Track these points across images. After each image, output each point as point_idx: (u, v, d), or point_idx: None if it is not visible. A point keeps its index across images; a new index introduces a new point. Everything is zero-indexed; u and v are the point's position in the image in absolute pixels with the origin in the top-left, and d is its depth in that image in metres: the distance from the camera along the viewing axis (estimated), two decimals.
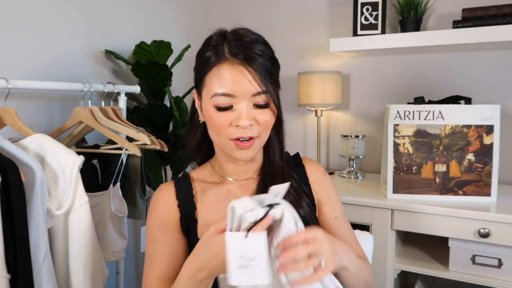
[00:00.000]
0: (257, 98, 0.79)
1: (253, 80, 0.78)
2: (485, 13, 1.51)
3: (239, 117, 0.78)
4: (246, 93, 0.78)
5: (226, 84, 0.77)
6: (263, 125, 0.80)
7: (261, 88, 0.78)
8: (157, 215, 0.87)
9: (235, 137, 0.79)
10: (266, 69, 0.80)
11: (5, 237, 0.86)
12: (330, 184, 0.95)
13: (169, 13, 2.04)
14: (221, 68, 0.78)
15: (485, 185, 1.36)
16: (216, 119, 0.79)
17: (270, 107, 0.81)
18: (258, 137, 0.81)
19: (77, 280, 1.04)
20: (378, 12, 1.74)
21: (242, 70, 0.78)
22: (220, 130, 0.79)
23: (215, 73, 0.79)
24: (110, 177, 1.30)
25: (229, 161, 0.88)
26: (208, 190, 0.89)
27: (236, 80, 0.77)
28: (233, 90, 0.77)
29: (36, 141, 1.02)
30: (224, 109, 0.79)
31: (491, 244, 1.27)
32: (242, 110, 0.78)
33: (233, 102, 0.78)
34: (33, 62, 1.38)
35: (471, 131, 1.36)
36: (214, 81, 0.79)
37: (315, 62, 2.04)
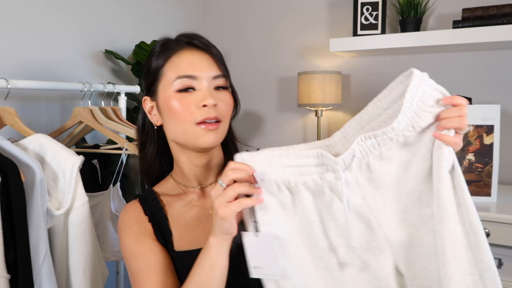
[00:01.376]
0: (217, 80, 0.80)
1: (213, 63, 0.80)
2: (485, 13, 1.51)
3: (204, 97, 0.77)
4: (207, 75, 0.79)
5: (187, 67, 0.78)
6: (225, 109, 0.80)
7: (221, 71, 0.81)
8: (131, 231, 0.82)
9: (201, 119, 0.77)
10: (221, 60, 0.83)
11: (5, 237, 0.85)
12: None
13: (169, 13, 2.04)
14: (180, 55, 0.80)
15: (485, 185, 1.36)
16: (179, 105, 0.78)
17: (229, 93, 0.83)
18: (221, 122, 0.79)
19: (77, 280, 1.04)
20: (378, 12, 1.73)
21: (201, 54, 0.80)
22: (184, 115, 0.77)
23: (174, 61, 0.80)
24: (110, 177, 1.30)
25: (189, 162, 0.85)
26: (174, 202, 0.86)
27: (196, 63, 0.79)
28: (194, 72, 0.78)
29: (36, 141, 1.02)
30: (186, 90, 0.78)
31: (491, 244, 1.25)
32: (206, 89, 0.78)
33: (195, 84, 0.78)
34: (33, 62, 1.38)
35: (471, 131, 1.36)
36: (173, 67, 0.80)
37: (315, 62, 2.04)
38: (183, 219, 0.84)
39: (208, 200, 0.87)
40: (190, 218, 0.84)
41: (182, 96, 0.78)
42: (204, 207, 0.86)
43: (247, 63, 2.19)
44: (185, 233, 0.83)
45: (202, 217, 0.85)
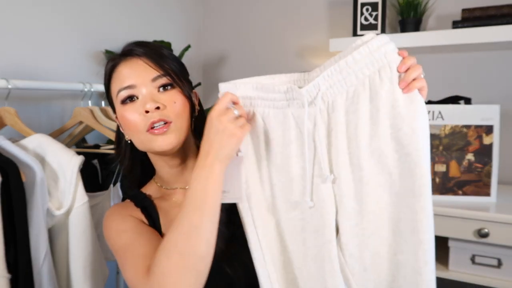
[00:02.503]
0: (159, 81, 0.78)
1: (149, 66, 0.78)
2: (485, 14, 1.51)
3: (144, 102, 0.76)
4: (145, 79, 0.77)
5: (124, 78, 0.78)
6: (173, 108, 0.77)
7: (160, 72, 0.78)
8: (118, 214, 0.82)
9: (148, 126, 0.76)
10: (165, 60, 0.80)
11: (5, 237, 0.86)
12: None
13: (169, 13, 2.04)
14: (118, 69, 0.80)
15: (485, 185, 1.36)
16: (127, 116, 0.78)
17: (178, 91, 0.79)
18: (172, 122, 0.77)
19: (77, 280, 1.04)
20: (378, 12, 1.74)
21: (136, 61, 0.79)
22: (135, 125, 0.77)
23: (115, 76, 0.80)
24: (110, 177, 1.30)
25: (164, 166, 0.85)
26: (159, 203, 0.86)
27: (132, 71, 0.78)
28: (131, 80, 0.77)
29: (36, 141, 1.02)
30: (129, 99, 0.78)
31: (491, 244, 1.27)
32: (145, 95, 0.77)
33: (136, 92, 0.77)
34: (33, 62, 1.38)
35: (471, 131, 1.36)
36: (114, 83, 0.80)
37: (315, 62, 2.04)
38: (168, 222, 0.83)
39: None
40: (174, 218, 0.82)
41: (127, 108, 0.78)
42: None
43: (247, 63, 2.18)
44: None
45: None
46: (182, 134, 0.79)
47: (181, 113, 0.79)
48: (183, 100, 0.80)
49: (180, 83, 0.80)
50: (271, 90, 0.70)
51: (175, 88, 0.80)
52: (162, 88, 0.78)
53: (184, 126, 0.80)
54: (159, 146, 0.77)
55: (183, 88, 0.80)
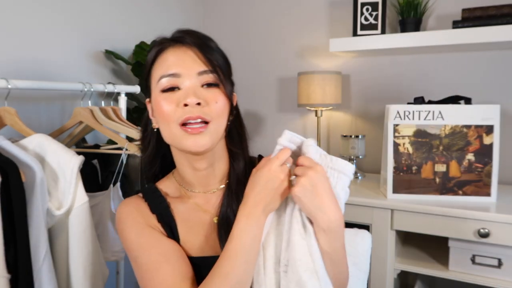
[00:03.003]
0: (204, 77, 0.74)
1: (198, 59, 0.74)
2: (485, 13, 1.51)
3: (186, 95, 0.72)
4: (191, 71, 0.73)
5: (169, 65, 0.74)
6: (214, 108, 0.73)
7: (208, 67, 0.74)
8: (135, 222, 0.77)
9: (184, 119, 0.71)
10: (214, 55, 0.76)
11: (5, 237, 0.85)
12: None
13: (169, 13, 2.04)
14: (164, 54, 0.76)
15: (485, 185, 1.36)
16: (163, 105, 0.73)
17: (221, 91, 0.76)
18: (210, 122, 0.73)
19: (77, 280, 1.04)
20: (378, 12, 1.74)
21: (185, 50, 0.75)
22: (169, 115, 0.73)
23: (159, 62, 0.76)
24: (110, 177, 1.30)
25: (189, 166, 0.80)
26: (177, 204, 0.82)
27: (179, 60, 0.74)
28: (177, 69, 0.73)
29: (36, 141, 1.02)
30: (170, 89, 0.74)
31: (491, 244, 1.27)
32: (188, 88, 0.73)
33: (179, 82, 0.74)
34: (33, 62, 1.38)
35: (471, 131, 1.36)
36: (158, 68, 0.76)
37: (315, 62, 2.04)
38: (186, 224, 0.80)
39: (212, 207, 0.82)
40: (194, 224, 0.81)
41: (166, 96, 0.74)
42: (208, 214, 0.82)
43: (247, 63, 2.19)
44: (188, 239, 0.80)
45: (206, 224, 0.81)
46: (217, 138, 0.76)
47: (221, 114, 0.75)
48: (224, 101, 0.76)
49: (225, 83, 0.76)
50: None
51: (219, 87, 0.76)
52: (206, 85, 0.75)
53: (221, 129, 0.76)
54: (190, 146, 0.73)
55: (226, 88, 0.76)
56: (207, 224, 0.81)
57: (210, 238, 0.80)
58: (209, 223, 0.81)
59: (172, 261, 0.73)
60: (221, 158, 0.83)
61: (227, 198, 0.81)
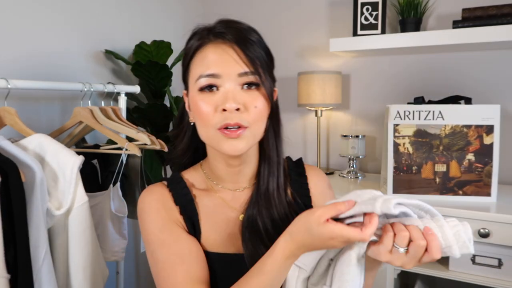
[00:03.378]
0: (244, 78, 0.71)
1: (239, 59, 0.71)
2: (485, 13, 1.51)
3: (224, 99, 0.70)
4: (231, 73, 0.70)
5: (209, 64, 0.71)
6: (253, 113, 0.71)
7: (249, 68, 0.71)
8: (158, 215, 0.76)
9: (222, 125, 0.70)
10: (256, 53, 0.72)
11: (5, 237, 0.85)
12: (333, 199, 0.86)
13: (169, 13, 2.04)
14: (203, 50, 0.73)
15: (485, 185, 1.36)
16: (202, 106, 0.71)
17: (261, 93, 0.73)
18: (248, 128, 0.71)
19: (77, 280, 1.04)
20: (378, 12, 1.73)
21: (226, 49, 0.71)
22: (207, 118, 0.71)
23: (198, 57, 0.74)
24: (110, 177, 1.30)
25: (221, 162, 0.79)
26: (202, 197, 0.81)
27: (220, 59, 0.71)
28: (216, 69, 0.71)
29: (36, 141, 1.02)
30: (208, 88, 0.71)
31: (491, 244, 1.27)
32: (228, 91, 0.70)
33: (218, 82, 0.71)
34: (33, 62, 1.38)
35: (471, 131, 1.36)
36: (197, 65, 0.73)
37: (315, 62, 2.04)
38: (210, 218, 0.79)
39: (239, 205, 0.81)
40: (219, 219, 0.79)
41: (204, 97, 0.72)
42: (234, 211, 0.81)
43: None
44: (211, 234, 0.79)
45: (230, 222, 0.80)
46: (254, 141, 0.75)
47: (260, 118, 0.73)
48: (264, 104, 0.74)
49: (265, 82, 0.73)
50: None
51: (259, 88, 0.73)
52: (246, 86, 0.72)
53: (259, 132, 0.75)
54: (226, 149, 0.71)
55: (266, 89, 0.74)
56: (232, 221, 0.80)
57: (233, 236, 0.79)
58: (234, 220, 0.80)
59: (188, 264, 0.72)
60: (254, 156, 0.82)
61: (255, 199, 0.79)
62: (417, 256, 0.57)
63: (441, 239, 0.58)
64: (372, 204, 0.58)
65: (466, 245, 0.57)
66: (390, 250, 0.58)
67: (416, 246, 0.57)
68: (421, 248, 0.57)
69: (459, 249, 0.57)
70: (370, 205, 0.58)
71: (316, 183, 0.87)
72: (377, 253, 0.59)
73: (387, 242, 0.58)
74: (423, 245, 0.57)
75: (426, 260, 0.58)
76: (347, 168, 1.87)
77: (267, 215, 0.79)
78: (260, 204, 0.79)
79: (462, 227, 0.58)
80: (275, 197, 0.80)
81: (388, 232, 0.58)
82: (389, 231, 0.59)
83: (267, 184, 0.80)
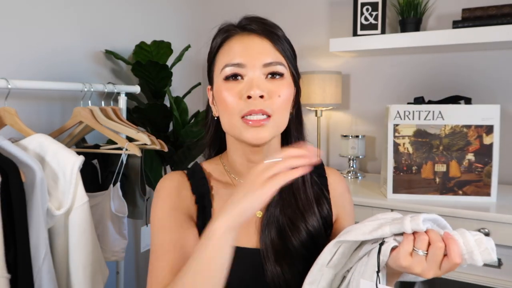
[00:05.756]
0: (269, 68, 0.72)
1: (264, 49, 0.72)
2: (485, 13, 1.51)
3: (249, 87, 0.70)
4: (256, 63, 0.72)
5: (235, 54, 0.72)
6: (277, 102, 0.72)
7: (274, 58, 0.72)
8: (169, 200, 0.76)
9: (246, 112, 0.70)
10: (282, 44, 0.74)
11: (5, 237, 0.86)
12: (351, 203, 0.88)
13: (169, 13, 2.04)
14: (230, 42, 0.75)
15: (485, 185, 1.36)
16: (226, 96, 0.72)
17: (286, 83, 0.74)
18: (271, 116, 0.71)
19: (77, 280, 1.04)
20: (378, 12, 1.74)
21: (253, 39, 0.73)
22: (232, 106, 0.72)
23: (224, 49, 0.75)
24: (110, 177, 1.30)
25: (242, 156, 0.79)
26: (220, 189, 0.81)
27: (245, 49, 0.72)
28: (242, 59, 0.72)
29: (36, 141, 1.02)
30: (233, 77, 0.72)
31: None
32: (252, 79, 0.71)
33: (243, 72, 0.72)
34: (33, 62, 1.38)
35: (471, 131, 1.36)
36: (222, 56, 0.75)
37: (315, 62, 2.04)
38: None
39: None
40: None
41: (229, 86, 0.73)
42: None
43: None
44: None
45: None
46: (277, 131, 0.75)
47: (283, 108, 0.74)
48: (288, 93, 0.74)
49: (290, 74, 0.75)
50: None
51: (284, 79, 0.74)
52: (270, 76, 0.73)
53: (282, 122, 0.75)
54: (250, 138, 0.71)
55: (291, 80, 0.75)
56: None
57: (248, 231, 0.78)
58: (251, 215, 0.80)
59: (177, 254, 0.72)
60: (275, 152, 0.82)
61: (277, 196, 0.78)
62: (436, 260, 0.56)
63: (462, 244, 0.57)
64: (400, 224, 0.58)
65: (488, 252, 0.55)
66: (410, 253, 0.58)
67: (435, 248, 0.56)
68: (439, 249, 0.56)
69: (481, 255, 0.55)
70: (399, 224, 0.58)
71: (335, 185, 0.87)
72: (397, 258, 0.58)
73: (407, 245, 0.58)
74: (441, 246, 0.56)
75: (446, 266, 0.57)
76: (347, 168, 1.87)
77: (291, 210, 0.78)
78: (284, 199, 0.78)
79: (485, 237, 0.57)
80: (300, 190, 0.79)
81: (408, 236, 0.59)
82: (409, 236, 0.59)
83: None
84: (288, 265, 0.75)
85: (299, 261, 0.75)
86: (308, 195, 0.80)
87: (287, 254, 0.75)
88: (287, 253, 0.75)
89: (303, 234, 0.76)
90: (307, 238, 0.76)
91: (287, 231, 0.76)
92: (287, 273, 0.74)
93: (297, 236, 0.76)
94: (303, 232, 0.77)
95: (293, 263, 0.75)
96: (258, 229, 0.78)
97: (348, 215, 0.86)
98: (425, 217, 0.59)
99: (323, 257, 0.66)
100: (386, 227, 0.59)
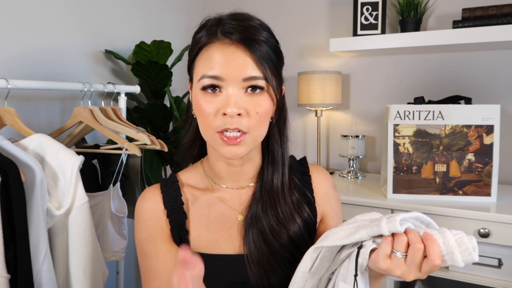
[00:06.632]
0: (249, 82, 0.69)
1: (245, 62, 0.68)
2: (485, 13, 1.51)
3: (226, 104, 0.68)
4: (235, 77, 0.68)
5: (213, 66, 0.69)
6: (254, 118, 0.70)
7: (255, 72, 0.69)
8: (144, 226, 0.78)
9: (222, 129, 0.69)
10: (264, 54, 0.70)
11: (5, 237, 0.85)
12: (337, 200, 0.87)
13: (169, 13, 2.04)
14: (210, 48, 0.71)
15: (485, 185, 1.36)
16: (203, 106, 0.70)
17: (266, 96, 0.71)
18: (248, 133, 0.70)
19: (77, 280, 1.04)
20: (378, 12, 1.74)
21: (233, 50, 0.69)
22: (208, 120, 0.70)
23: (203, 55, 0.71)
24: (110, 177, 1.30)
25: (221, 160, 0.78)
26: (198, 197, 0.80)
27: (225, 62, 0.68)
28: (220, 72, 0.68)
29: (36, 141, 1.02)
30: (211, 88, 0.69)
31: (491, 244, 1.27)
32: (230, 95, 0.68)
33: (221, 84, 0.69)
34: (33, 62, 1.38)
35: (471, 131, 1.36)
36: (201, 63, 0.71)
37: (315, 62, 2.04)
38: (204, 218, 0.79)
39: (238, 204, 0.80)
40: (212, 219, 0.79)
41: (207, 98, 0.70)
42: (232, 211, 0.80)
43: None
44: (204, 234, 0.78)
45: (226, 221, 0.79)
46: (254, 145, 0.73)
47: (261, 124, 0.72)
48: (267, 107, 0.71)
49: (272, 85, 0.71)
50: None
51: (263, 92, 0.71)
52: (250, 89, 0.70)
53: (259, 136, 0.73)
54: (225, 153, 0.70)
55: (272, 91, 0.72)
56: (229, 221, 0.79)
57: (230, 236, 0.78)
58: (232, 220, 0.79)
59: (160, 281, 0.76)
60: (257, 155, 0.80)
61: (258, 196, 0.78)
62: (415, 262, 0.55)
63: (442, 244, 0.55)
64: (377, 226, 0.56)
65: (469, 252, 0.53)
66: (388, 255, 0.57)
67: (413, 249, 0.55)
68: (418, 251, 0.55)
69: (462, 256, 0.54)
70: (376, 226, 0.57)
71: (320, 183, 0.85)
72: (376, 261, 0.57)
73: (385, 247, 0.57)
74: (420, 248, 0.55)
75: (426, 268, 0.55)
76: (347, 168, 1.87)
77: (272, 213, 0.77)
78: (265, 202, 0.78)
79: (466, 236, 0.56)
80: (279, 195, 0.79)
81: (387, 238, 0.57)
82: (388, 237, 0.57)
83: (272, 182, 0.79)
84: (273, 269, 0.75)
85: (284, 264, 0.75)
86: (287, 200, 0.79)
87: (270, 257, 0.75)
88: (271, 256, 0.75)
89: (284, 238, 0.76)
90: (289, 242, 0.76)
91: (269, 234, 0.76)
92: (272, 277, 0.74)
93: (279, 239, 0.76)
94: (285, 236, 0.76)
95: (277, 267, 0.75)
96: (240, 233, 0.78)
97: (335, 213, 0.85)
98: (404, 217, 0.57)
99: (303, 264, 0.65)
100: (363, 231, 0.58)
